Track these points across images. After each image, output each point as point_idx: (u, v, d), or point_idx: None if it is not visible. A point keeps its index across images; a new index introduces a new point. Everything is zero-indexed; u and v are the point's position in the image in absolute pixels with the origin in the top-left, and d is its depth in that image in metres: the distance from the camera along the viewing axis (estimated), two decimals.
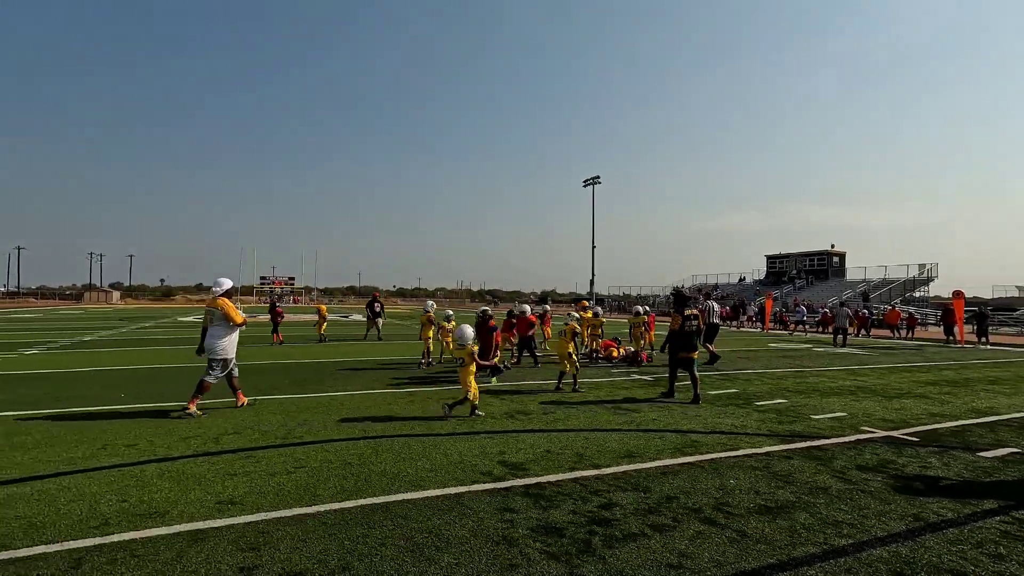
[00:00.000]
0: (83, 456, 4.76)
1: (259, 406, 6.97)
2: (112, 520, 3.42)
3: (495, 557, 3.00)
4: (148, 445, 5.13)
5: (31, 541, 3.12)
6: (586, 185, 75.01)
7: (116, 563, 2.88)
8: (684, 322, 7.99)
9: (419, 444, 5.28)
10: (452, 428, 5.96)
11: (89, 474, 4.29)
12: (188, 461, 4.66)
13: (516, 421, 6.35)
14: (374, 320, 17.45)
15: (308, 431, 5.73)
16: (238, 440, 5.33)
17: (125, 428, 5.76)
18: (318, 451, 4.99)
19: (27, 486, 4.00)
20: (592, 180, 73.40)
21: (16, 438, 5.32)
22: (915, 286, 41.43)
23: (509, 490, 4.06)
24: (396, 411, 6.82)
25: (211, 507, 3.64)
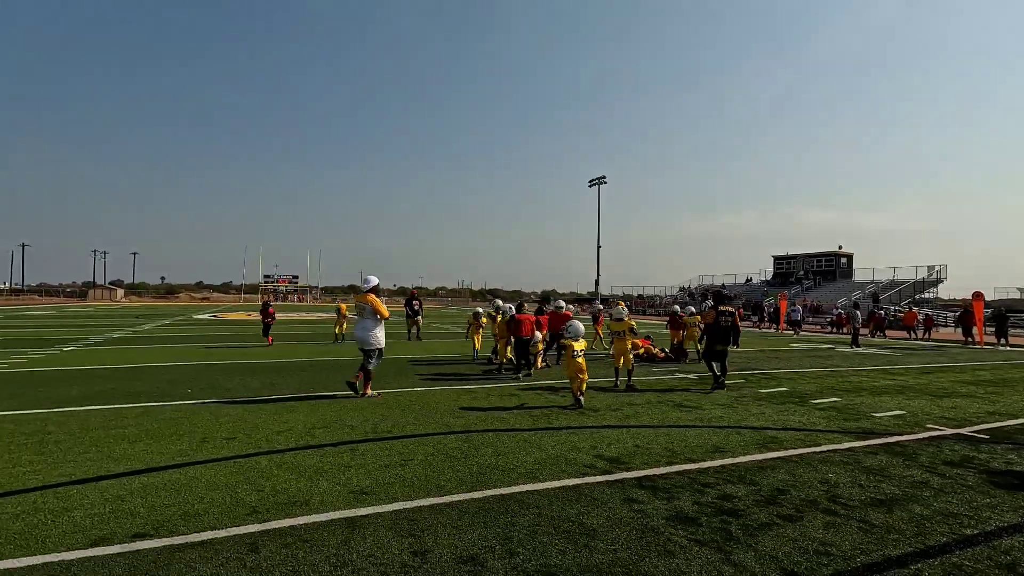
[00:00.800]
0: (190, 448, 4.89)
1: (328, 402, 7.10)
2: (260, 508, 3.55)
3: (647, 544, 3.13)
4: (245, 439, 5.25)
5: (195, 527, 3.24)
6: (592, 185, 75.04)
7: (290, 547, 3.01)
8: (718, 317, 8.80)
9: (509, 439, 5.41)
10: (532, 423, 6.09)
11: (208, 465, 4.42)
12: (295, 453, 4.79)
13: (588, 417, 6.48)
14: (413, 319, 17.10)
15: (393, 426, 5.86)
16: (330, 434, 5.46)
17: (211, 421, 5.88)
18: (415, 445, 5.13)
19: (155, 476, 4.13)
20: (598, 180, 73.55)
21: (114, 431, 5.45)
22: (924, 287, 41.59)
23: (622, 482, 4.19)
24: (466, 406, 6.94)
25: (347, 496, 3.77)
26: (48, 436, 5.22)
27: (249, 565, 2.81)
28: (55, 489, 3.84)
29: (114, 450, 4.80)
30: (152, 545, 3.02)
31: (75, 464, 4.39)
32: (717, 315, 8.84)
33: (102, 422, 5.79)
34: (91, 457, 4.58)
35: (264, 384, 8.39)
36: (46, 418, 5.95)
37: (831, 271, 50.13)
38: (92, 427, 5.58)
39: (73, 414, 6.17)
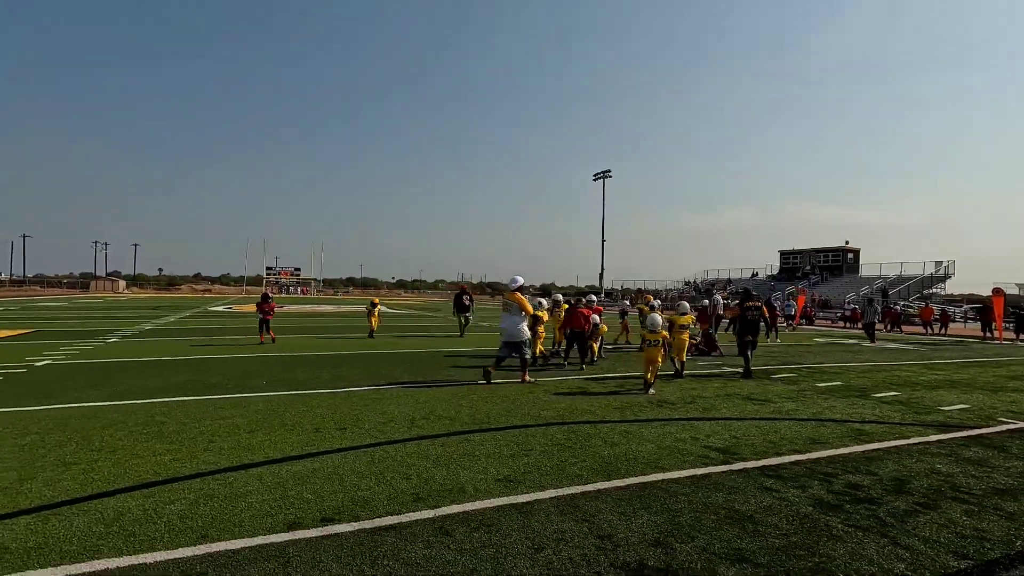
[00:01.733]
0: (310, 438, 5.03)
1: (406, 392, 7.25)
2: (422, 495, 3.70)
3: (811, 528, 3.30)
4: (357, 429, 5.40)
5: (374, 512, 3.40)
6: (596, 179, 75.18)
7: (479, 531, 3.17)
8: (744, 312, 9.84)
9: (608, 430, 5.57)
10: (620, 415, 6.26)
11: (340, 455, 4.57)
12: (416, 443, 4.94)
13: (668, 409, 6.65)
14: (464, 315, 16.48)
15: (487, 417, 6.01)
16: (434, 425, 5.61)
17: (310, 412, 6.02)
18: (524, 436, 5.28)
19: (297, 465, 4.28)
20: (603, 174, 73.67)
21: (221, 420, 5.58)
22: (933, 283, 41.90)
23: (746, 471, 4.36)
24: (545, 398, 7.09)
25: (497, 484, 3.93)
26: (163, 426, 5.36)
27: (453, 548, 2.96)
28: (212, 477, 3.99)
29: (239, 439, 4.94)
30: (346, 529, 3.18)
31: (212, 453, 4.53)
32: (743, 310, 9.86)
33: (204, 412, 5.93)
34: (221, 446, 4.72)
35: (332, 376, 8.52)
36: (148, 408, 6.08)
37: (838, 266, 50.39)
38: (198, 417, 5.71)
39: (171, 404, 6.31)
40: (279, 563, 2.77)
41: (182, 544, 2.94)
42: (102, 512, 3.33)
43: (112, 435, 4.99)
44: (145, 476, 3.96)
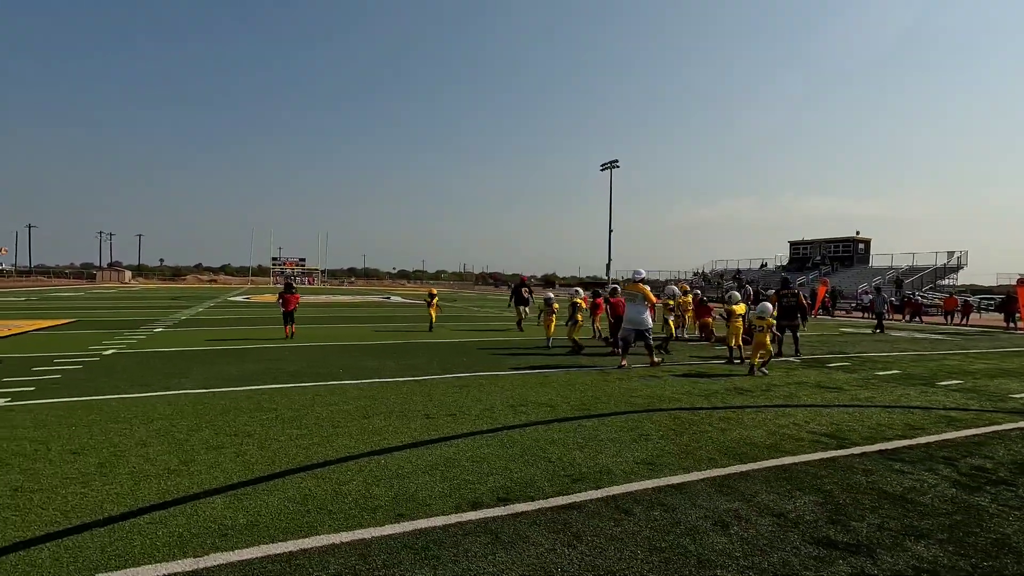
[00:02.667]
0: (427, 425, 5.17)
1: (485, 380, 7.39)
2: (577, 477, 3.85)
3: (967, 508, 3.45)
4: (463, 416, 5.54)
5: (540, 494, 3.54)
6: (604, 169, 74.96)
7: (656, 509, 3.32)
8: (780, 300, 10.98)
9: (706, 416, 5.72)
10: (708, 403, 6.40)
11: (468, 440, 4.71)
12: (531, 429, 5.08)
13: (747, 397, 6.80)
14: (523, 307, 15.93)
15: (580, 405, 6.15)
16: (535, 412, 5.76)
17: (408, 400, 6.15)
18: (632, 422, 5.43)
19: (434, 449, 4.42)
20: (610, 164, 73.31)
21: (331, 407, 5.72)
22: (945, 273, 42.02)
23: (866, 455, 4.50)
24: (628, 387, 7.24)
25: (640, 467, 4.08)
26: (277, 412, 5.49)
27: (642, 524, 3.11)
28: (363, 460, 4.12)
29: (360, 425, 5.08)
30: (529, 508, 3.32)
31: (345, 438, 4.67)
32: (779, 297, 11.15)
33: (308, 399, 6.07)
34: (349, 431, 4.86)
35: (401, 365, 8.66)
36: (249, 395, 6.22)
37: (848, 257, 50.46)
38: (306, 404, 5.85)
39: (269, 391, 6.44)
40: (491, 537, 2.91)
41: (385, 522, 3.08)
42: (285, 492, 3.47)
43: (235, 420, 5.13)
44: (298, 459, 4.10)
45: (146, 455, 4.12)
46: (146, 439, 4.51)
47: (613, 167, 74.08)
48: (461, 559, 2.70)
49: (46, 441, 4.41)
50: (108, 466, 3.87)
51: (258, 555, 2.69)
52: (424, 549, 2.79)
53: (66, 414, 5.26)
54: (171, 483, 3.58)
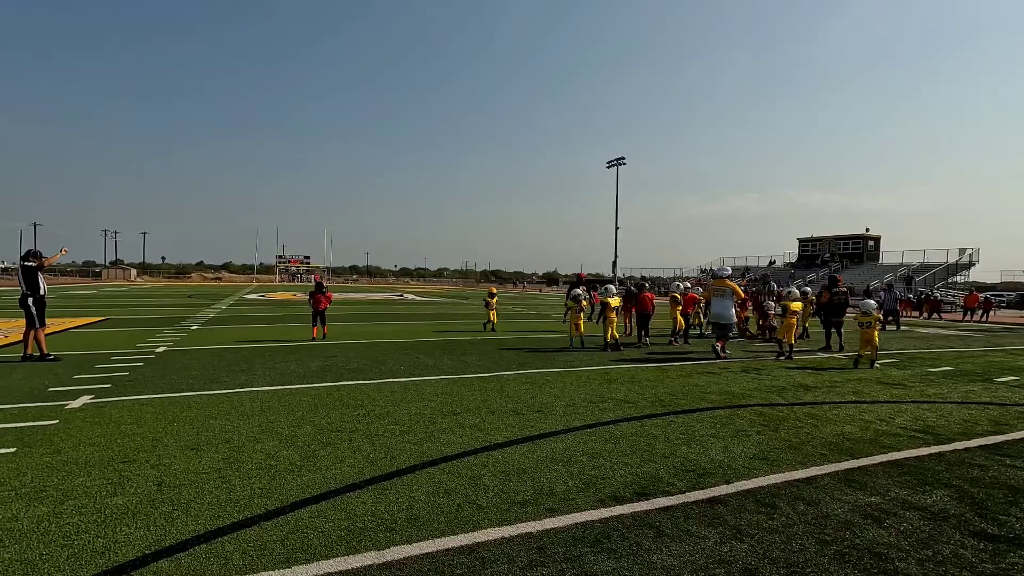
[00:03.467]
0: (519, 421, 5.20)
1: (561, 376, 7.42)
2: (700, 472, 3.88)
3: None
4: (552, 413, 5.57)
5: (677, 488, 3.57)
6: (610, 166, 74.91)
7: (798, 503, 3.35)
8: (832, 297, 11.54)
9: (789, 412, 5.76)
10: (783, 398, 6.43)
11: (571, 436, 4.74)
12: (625, 424, 5.12)
13: (817, 393, 6.83)
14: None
15: (662, 400, 6.18)
16: (622, 408, 5.79)
17: (484, 395, 6.18)
18: (722, 417, 5.47)
19: (545, 444, 4.45)
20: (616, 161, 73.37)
21: (420, 403, 5.75)
22: (957, 270, 42.04)
23: (969, 450, 4.54)
24: (700, 382, 7.27)
25: (756, 461, 4.11)
26: (371, 408, 5.53)
27: (794, 518, 3.14)
28: (477, 456, 4.15)
29: (458, 421, 5.11)
30: (673, 502, 3.36)
31: (450, 434, 4.71)
32: (831, 295, 11.52)
33: (393, 396, 6.10)
34: (450, 427, 4.89)
35: (459, 363, 8.69)
36: (331, 392, 6.25)
37: (858, 254, 50.50)
38: (391, 400, 5.88)
39: (348, 388, 6.48)
40: (654, 531, 2.95)
41: (540, 516, 3.12)
42: (424, 486, 3.50)
43: (330, 416, 5.16)
44: (415, 454, 4.13)
45: (264, 451, 4.15)
46: (255, 435, 4.55)
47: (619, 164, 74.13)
48: (638, 551, 2.73)
49: (158, 437, 4.44)
50: (234, 462, 3.90)
51: (438, 548, 2.72)
52: (596, 542, 2.82)
53: (159, 411, 5.29)
54: (305, 478, 3.61)
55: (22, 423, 4.78)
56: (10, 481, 3.47)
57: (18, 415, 5.04)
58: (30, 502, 3.17)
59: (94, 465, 3.78)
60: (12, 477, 3.54)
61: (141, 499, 3.24)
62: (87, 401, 5.62)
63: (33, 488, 3.37)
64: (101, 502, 3.18)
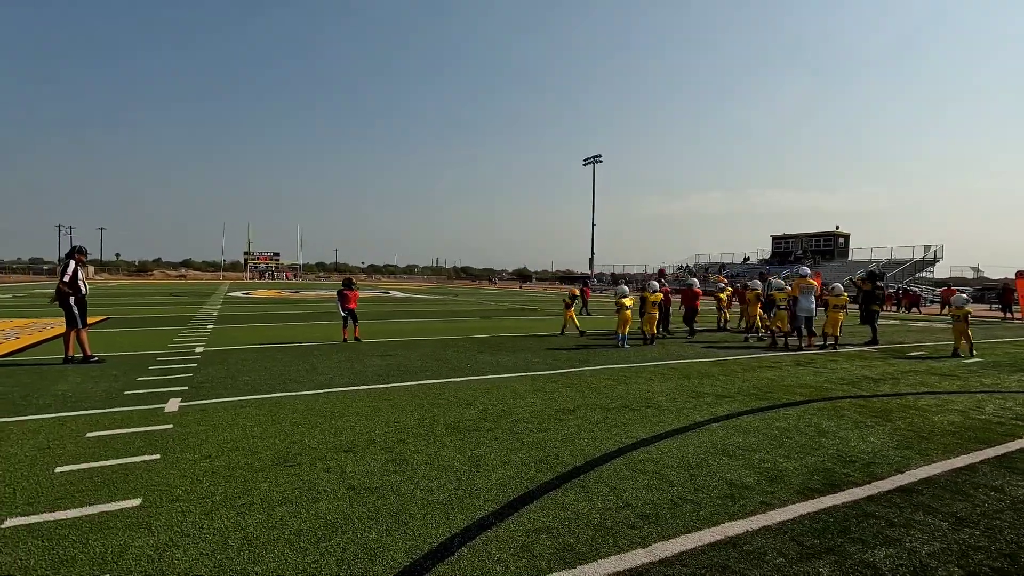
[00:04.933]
0: (637, 416, 5.23)
1: (633, 372, 7.48)
2: (860, 463, 3.99)
3: None
4: (660, 408, 5.62)
5: (854, 479, 3.66)
6: (587, 163, 75.66)
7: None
8: (874, 288, 12.14)
9: (884, 404, 5.96)
10: (858, 390, 6.64)
11: (704, 430, 4.80)
12: (748, 418, 5.21)
13: (887, 385, 7.08)
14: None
15: (755, 393, 6.31)
16: (723, 403, 5.89)
17: (571, 390, 6.19)
18: (828, 409, 5.62)
19: (692, 438, 4.49)
20: (593, 159, 74.08)
21: (523, 398, 5.70)
22: (923, 266, 44.01)
23: None
24: (768, 375, 7.43)
25: (901, 451, 4.25)
26: (483, 409, 5.46)
27: (1014, 507, 3.26)
28: (640, 450, 4.17)
29: (588, 417, 5.12)
30: (866, 492, 3.44)
31: (588, 431, 4.70)
32: (874, 287, 12.13)
33: (489, 394, 6.04)
34: (578, 425, 4.88)
35: (520, 361, 8.64)
36: (419, 391, 6.14)
37: (829, 250, 52.30)
38: (499, 399, 5.82)
39: (430, 387, 6.38)
40: (883, 521, 3.02)
41: (759, 510, 3.15)
42: (622, 481, 3.49)
43: (448, 415, 5.09)
44: (576, 450, 4.11)
45: (420, 450, 4.07)
46: (396, 435, 4.45)
47: (596, 162, 74.78)
48: (888, 540, 2.79)
49: (296, 439, 4.29)
50: (402, 463, 3.81)
51: (697, 544, 2.73)
52: (844, 532, 2.88)
53: (268, 412, 5.11)
54: (491, 478, 3.56)
55: (136, 428, 4.54)
56: (199, 488, 3.30)
57: (123, 420, 4.78)
58: (245, 511, 3.03)
59: (259, 469, 3.64)
60: (197, 484, 3.37)
61: (347, 503, 3.13)
62: (181, 404, 5.38)
63: (234, 494, 3.22)
64: (309, 507, 3.06)
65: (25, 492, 3.21)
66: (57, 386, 6.12)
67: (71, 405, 5.28)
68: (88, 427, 4.54)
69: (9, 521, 2.85)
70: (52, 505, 3.04)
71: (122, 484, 3.36)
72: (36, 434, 4.35)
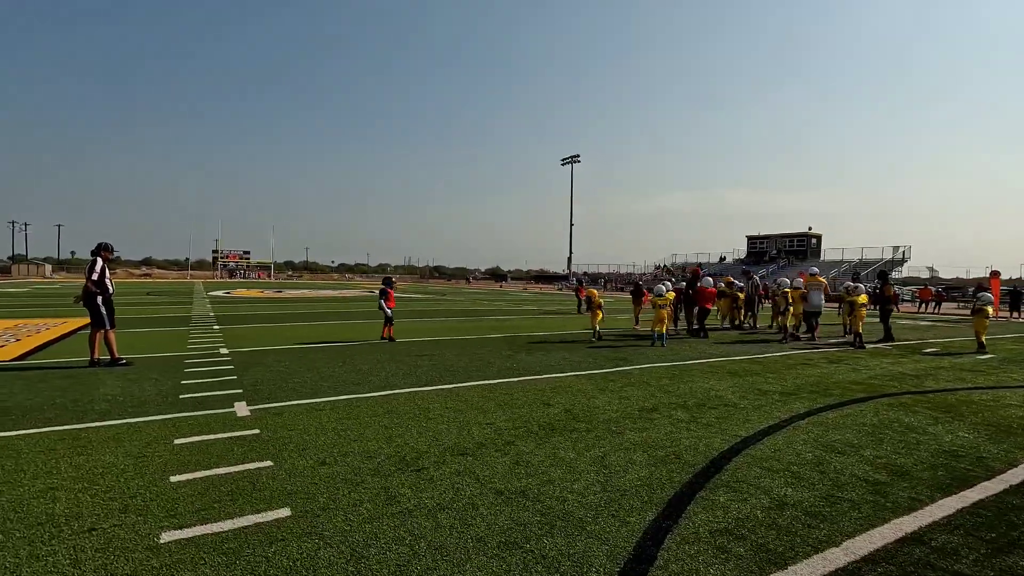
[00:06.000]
0: (729, 414, 5.25)
1: (694, 369, 7.52)
2: (973, 459, 4.08)
3: None
4: (744, 407, 5.66)
5: (976, 475, 3.75)
6: (564, 163, 76.14)
7: None
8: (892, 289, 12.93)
9: (944, 398, 6.13)
10: (897, 387, 6.83)
11: (807, 423, 4.84)
12: (831, 413, 5.27)
13: (928, 381, 7.30)
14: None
15: (818, 391, 6.41)
16: (791, 401, 5.96)
17: (661, 393, 6.19)
18: (899, 404, 5.74)
19: (814, 430, 4.52)
20: (571, 159, 74.55)
21: (595, 400, 5.67)
22: (892, 266, 45.71)
23: None
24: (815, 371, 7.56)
25: (996, 444, 4.36)
26: (571, 406, 5.40)
27: None
28: (763, 444, 4.18)
29: (674, 416, 5.10)
30: (1015, 480, 3.52)
31: (693, 429, 4.69)
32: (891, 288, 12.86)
33: (557, 394, 5.97)
34: (675, 420, 4.87)
35: (563, 360, 8.58)
36: (490, 391, 6.04)
37: (802, 250, 53.83)
38: (571, 399, 5.76)
39: (502, 386, 6.28)
40: None
41: (937, 496, 3.19)
42: (797, 474, 3.49)
43: (547, 415, 5.01)
44: (702, 451, 4.10)
45: (536, 450, 3.99)
46: (500, 436, 4.35)
47: (574, 162, 75.25)
48: None
49: (400, 443, 4.16)
50: (529, 463, 3.73)
51: (883, 541, 2.74)
52: (1010, 526, 2.93)
53: (348, 415, 4.94)
54: (638, 474, 3.51)
55: (223, 434, 4.33)
56: (340, 495, 3.16)
57: (202, 426, 4.56)
58: (409, 518, 2.90)
59: (387, 475, 3.51)
60: (334, 491, 3.22)
61: (508, 508, 3.03)
62: (250, 408, 5.15)
63: (381, 501, 3.09)
64: (472, 513, 2.96)
65: (158, 505, 3.02)
66: (101, 390, 5.80)
67: (132, 411, 5.00)
68: (169, 433, 4.31)
69: (165, 536, 2.67)
70: (199, 517, 2.86)
71: (255, 493, 3.19)
72: (118, 442, 4.11)
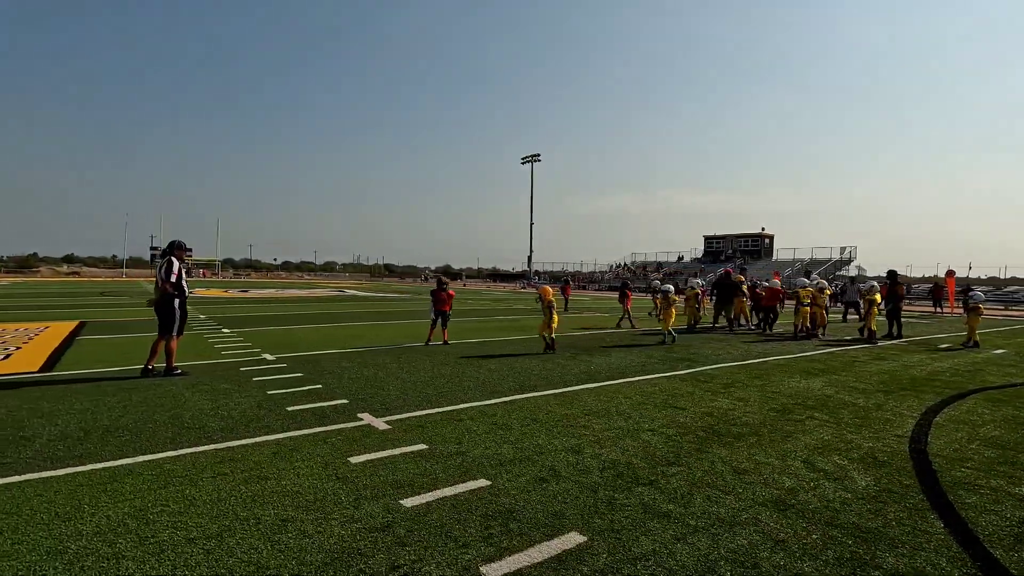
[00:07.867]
0: (876, 413, 5.37)
1: (751, 368, 7.64)
2: None
3: None
4: (834, 408, 5.80)
5: None
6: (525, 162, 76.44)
7: None
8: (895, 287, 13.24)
9: (1016, 393, 6.50)
10: (975, 382, 7.22)
11: (945, 414, 5.01)
12: (965, 404, 5.48)
13: (963, 378, 7.74)
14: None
15: (860, 392, 6.66)
16: (867, 396, 6.16)
17: (762, 394, 6.25)
18: (993, 398, 6.03)
19: (940, 425, 4.67)
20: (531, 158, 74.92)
21: (654, 409, 5.67)
22: (840, 266, 48.49)
23: None
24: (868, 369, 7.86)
25: None
26: (686, 411, 5.36)
27: None
28: (942, 443, 4.27)
29: (817, 418, 5.16)
30: None
31: (825, 429, 4.75)
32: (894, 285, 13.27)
33: (665, 396, 5.94)
34: (800, 422, 4.93)
35: (628, 362, 8.54)
36: (603, 392, 5.93)
37: (756, 250, 56.29)
38: (696, 402, 5.73)
39: (607, 388, 6.18)
40: None
41: None
42: None
43: (698, 418, 4.95)
44: (890, 454, 4.15)
45: (726, 459, 3.93)
46: (678, 442, 4.26)
47: (535, 161, 75.60)
48: None
49: (593, 452, 4.00)
50: (746, 472, 3.66)
51: None
52: None
53: (496, 423, 4.70)
54: (869, 478, 3.51)
55: (393, 450, 4.02)
56: (599, 512, 2.97)
57: (355, 442, 4.22)
58: (697, 536, 2.77)
59: (627, 488, 3.35)
60: (584, 509, 3.03)
61: (777, 517, 2.95)
62: (385, 420, 4.83)
63: (662, 516, 2.93)
64: (752, 526, 2.87)
65: (429, 533, 2.75)
66: (190, 405, 5.27)
67: (256, 428, 4.51)
68: (330, 452, 3.96)
69: (484, 568, 2.43)
70: (496, 551, 2.62)
71: (521, 517, 2.96)
72: (290, 460, 3.75)
